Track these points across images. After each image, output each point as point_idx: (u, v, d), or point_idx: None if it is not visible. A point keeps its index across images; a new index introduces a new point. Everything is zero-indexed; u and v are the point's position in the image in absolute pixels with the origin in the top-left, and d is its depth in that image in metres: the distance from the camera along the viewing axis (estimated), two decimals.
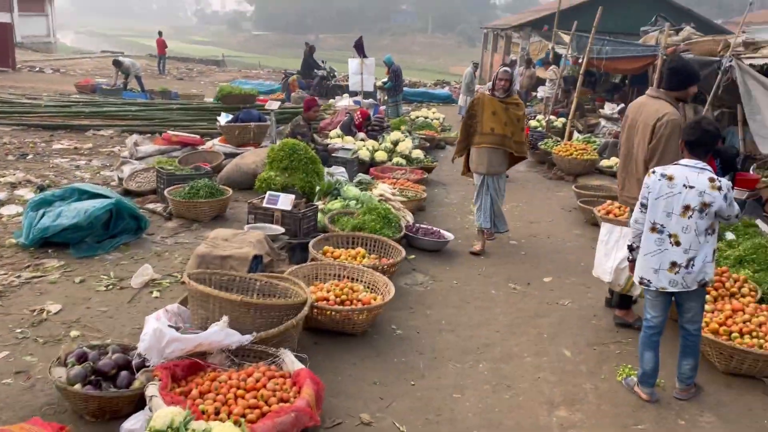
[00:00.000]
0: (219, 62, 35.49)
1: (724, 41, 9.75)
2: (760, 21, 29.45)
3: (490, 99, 6.29)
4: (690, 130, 3.79)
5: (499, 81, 6.29)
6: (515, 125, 6.35)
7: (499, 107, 6.24)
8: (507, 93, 6.30)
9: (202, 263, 4.89)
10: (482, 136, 6.31)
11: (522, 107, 6.45)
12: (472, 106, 6.45)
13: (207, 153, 9.10)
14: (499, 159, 6.43)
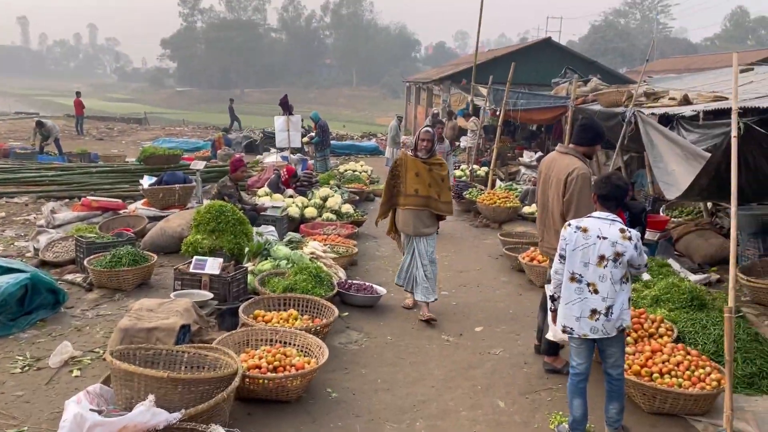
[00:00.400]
0: (141, 120, 34.84)
1: (627, 92, 10.49)
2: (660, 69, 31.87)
3: (412, 160, 6.15)
4: (601, 185, 4.04)
5: (421, 141, 6.14)
6: (440, 185, 6.20)
7: (422, 168, 6.11)
8: (429, 153, 6.17)
9: (126, 337, 4.70)
10: (406, 197, 6.16)
11: (446, 167, 6.34)
12: (395, 166, 6.30)
13: (129, 217, 8.86)
14: (425, 220, 6.24)
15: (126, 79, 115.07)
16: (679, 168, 6.25)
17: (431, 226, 6.28)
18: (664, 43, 69.87)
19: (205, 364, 4.24)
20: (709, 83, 12.42)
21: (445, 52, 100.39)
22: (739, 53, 26.80)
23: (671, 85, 13.46)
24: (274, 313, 5.51)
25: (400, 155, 6.35)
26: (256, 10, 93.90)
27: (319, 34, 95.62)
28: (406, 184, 6.13)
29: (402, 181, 6.16)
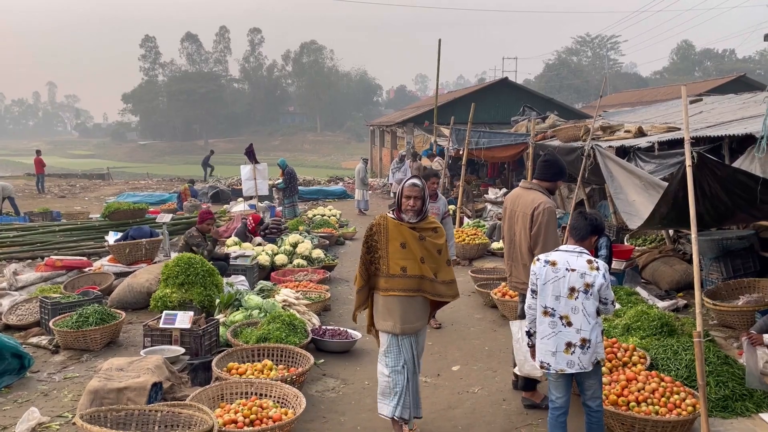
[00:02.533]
0: (104, 175, 34.41)
1: (584, 126, 10.84)
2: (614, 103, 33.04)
3: (395, 225, 4.41)
4: (573, 219, 4.15)
5: (407, 200, 4.39)
6: (436, 259, 4.46)
7: (410, 237, 4.38)
8: (420, 216, 4.44)
9: (96, 399, 4.55)
10: (390, 279, 4.37)
11: (442, 232, 4.57)
12: (370, 235, 4.47)
13: (95, 275, 8.66)
14: (418, 310, 4.46)
15: (87, 135, 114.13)
16: (639, 198, 6.44)
17: (423, 318, 4.56)
18: (615, 78, 72.60)
19: (179, 423, 4.13)
20: (662, 114, 12.92)
21: (406, 95, 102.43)
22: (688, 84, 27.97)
23: (626, 118, 13.96)
24: (248, 364, 5.41)
25: (378, 219, 4.51)
26: (218, 62, 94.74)
27: (281, 82, 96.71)
28: (388, 260, 4.39)
29: (382, 257, 4.41)
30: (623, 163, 7.28)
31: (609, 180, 7.17)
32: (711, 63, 76.91)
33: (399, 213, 4.47)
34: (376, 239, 4.44)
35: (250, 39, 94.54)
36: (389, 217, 4.49)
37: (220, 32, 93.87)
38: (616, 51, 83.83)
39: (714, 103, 12.39)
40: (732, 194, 5.08)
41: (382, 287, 4.44)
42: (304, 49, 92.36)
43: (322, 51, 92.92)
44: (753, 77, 35.80)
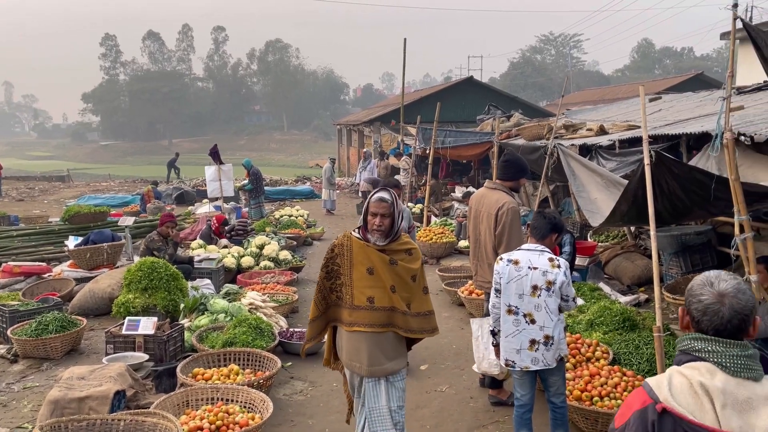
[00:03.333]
0: (64, 177, 33.54)
1: (547, 125, 11.00)
2: (577, 101, 33.57)
3: (361, 247, 3.68)
4: (534, 219, 4.21)
5: (373, 218, 3.64)
6: (410, 288, 3.72)
7: (378, 261, 3.65)
8: (390, 237, 3.68)
9: (56, 410, 4.44)
10: (355, 311, 3.66)
11: (417, 254, 3.81)
12: (331, 257, 3.74)
13: (55, 281, 8.45)
14: (388, 348, 3.71)
15: (46, 136, 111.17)
16: (601, 195, 6.57)
17: (398, 358, 3.77)
18: (578, 76, 73.80)
19: (143, 431, 4.06)
20: (623, 113, 13.19)
21: (372, 94, 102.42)
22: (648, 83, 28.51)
23: (588, 116, 14.21)
24: (214, 369, 5.35)
25: (340, 239, 3.79)
26: (181, 61, 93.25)
27: (246, 81, 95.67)
28: (352, 288, 3.68)
29: (345, 284, 3.70)
30: (585, 161, 7.41)
31: (571, 178, 7.30)
32: (670, 61, 78.75)
33: (364, 232, 3.71)
34: (338, 263, 3.71)
35: (214, 37, 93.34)
36: (353, 236, 3.72)
37: (183, 30, 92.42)
38: (579, 49, 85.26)
39: (672, 101, 12.70)
40: (689, 192, 5.21)
41: (345, 320, 3.69)
42: (269, 48, 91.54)
43: (287, 49, 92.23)
44: (710, 75, 36.78)
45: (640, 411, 1.71)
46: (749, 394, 1.66)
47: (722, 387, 1.66)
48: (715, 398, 1.65)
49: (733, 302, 1.73)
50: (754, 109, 7.81)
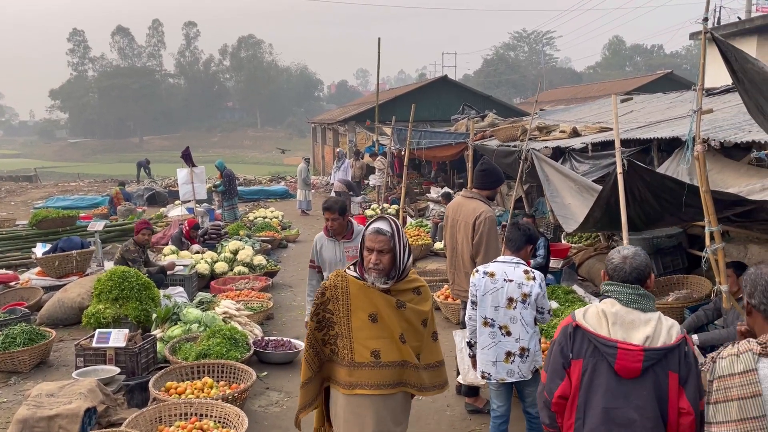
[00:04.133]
0: (31, 177, 32.79)
1: (521, 127, 11.04)
2: (551, 100, 33.92)
3: (360, 288, 3.06)
4: (508, 231, 4.22)
5: (369, 254, 3.03)
6: (420, 334, 3.17)
7: (384, 305, 3.04)
8: (393, 276, 3.06)
9: (25, 429, 4.32)
10: (356, 370, 3.05)
11: (427, 292, 3.25)
12: (321, 303, 3.12)
13: (23, 290, 8.24)
14: (398, 411, 3.17)
15: (12, 133, 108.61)
16: (574, 201, 6.62)
17: (404, 422, 3.24)
18: (551, 73, 74.58)
19: None
20: (595, 113, 13.33)
21: (347, 90, 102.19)
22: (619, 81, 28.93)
23: (561, 117, 14.34)
24: (187, 383, 5.27)
25: (332, 279, 3.14)
26: (151, 56, 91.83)
27: (218, 77, 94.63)
28: (351, 341, 3.06)
29: (342, 335, 3.08)
30: (558, 166, 7.46)
31: (545, 183, 7.34)
32: (641, 58, 79.98)
33: (361, 270, 3.06)
34: (330, 309, 3.04)
35: (185, 33, 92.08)
36: (350, 275, 3.05)
37: (153, 26, 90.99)
38: (552, 46, 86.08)
39: (644, 102, 12.86)
40: (660, 199, 5.28)
41: (343, 381, 3.02)
42: (241, 44, 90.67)
43: (260, 45, 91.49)
44: (680, 72, 37.47)
45: (564, 327, 2.65)
46: (634, 318, 2.52)
47: (615, 312, 2.54)
48: (609, 319, 2.53)
49: (632, 262, 2.61)
50: (723, 113, 7.94)
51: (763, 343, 2.26)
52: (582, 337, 2.55)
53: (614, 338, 2.47)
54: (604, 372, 2.49)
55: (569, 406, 2.57)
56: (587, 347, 2.53)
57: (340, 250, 4.92)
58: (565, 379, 2.57)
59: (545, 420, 2.70)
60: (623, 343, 2.44)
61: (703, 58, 3.93)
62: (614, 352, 2.45)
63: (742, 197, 4.65)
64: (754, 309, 2.35)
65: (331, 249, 4.95)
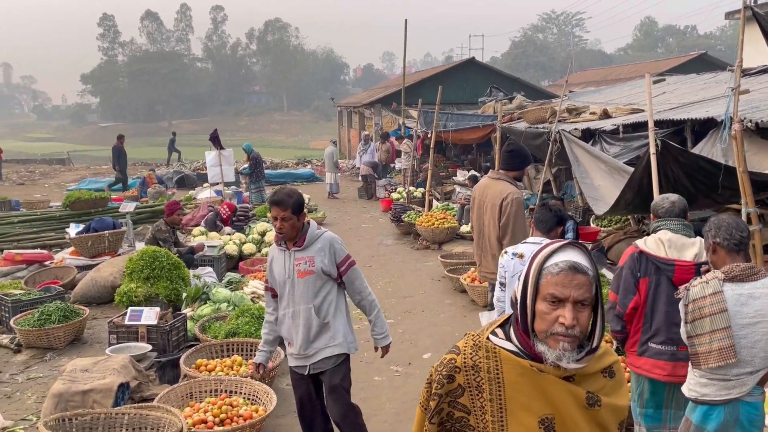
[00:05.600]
0: (64, 160, 33.44)
1: (550, 108, 10.89)
2: (580, 82, 33.29)
3: (524, 373, 1.72)
4: (538, 212, 4.17)
5: (556, 307, 1.67)
6: None
7: (566, 402, 1.72)
8: (588, 348, 1.73)
9: (60, 403, 4.45)
10: None
11: (622, 376, 1.86)
12: (449, 392, 1.77)
13: (57, 269, 8.44)
14: None
15: (46, 117, 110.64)
16: (605, 183, 6.52)
17: None
18: (581, 55, 73.17)
19: (147, 425, 4.06)
20: (626, 95, 13.06)
21: (373, 74, 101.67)
22: (651, 62, 28.24)
23: (591, 98, 14.08)
24: (217, 360, 5.35)
25: (468, 353, 1.77)
26: (179, 41, 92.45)
27: (245, 61, 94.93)
28: None
29: None
30: (588, 147, 7.34)
31: (575, 165, 7.23)
32: (673, 39, 78.01)
33: (527, 338, 1.74)
34: (465, 406, 1.79)
35: (213, 17, 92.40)
36: (503, 350, 1.77)
37: (181, 10, 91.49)
38: (581, 28, 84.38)
39: (676, 83, 12.56)
40: (695, 180, 5.17)
41: None
42: (268, 27, 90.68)
43: (286, 29, 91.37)
44: (714, 54, 36.45)
45: (631, 254, 3.44)
46: (684, 242, 3.33)
47: (669, 239, 3.34)
48: (665, 244, 3.32)
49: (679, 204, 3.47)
50: (760, 93, 7.71)
51: (726, 271, 2.94)
52: (646, 260, 3.32)
53: (671, 257, 3.25)
54: (665, 285, 3.28)
55: (638, 314, 3.36)
56: (651, 267, 3.31)
57: (290, 262, 3.67)
58: (636, 293, 3.33)
59: (616, 328, 3.47)
60: (679, 261, 3.23)
61: (742, 34, 3.81)
62: (672, 268, 3.24)
63: None
64: (719, 246, 3.04)
65: (280, 262, 3.72)
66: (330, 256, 3.70)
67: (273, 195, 3.66)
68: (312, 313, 3.68)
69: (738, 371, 2.89)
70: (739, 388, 2.91)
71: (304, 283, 3.66)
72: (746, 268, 2.94)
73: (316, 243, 3.69)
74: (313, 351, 3.73)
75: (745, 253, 3.05)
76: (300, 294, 3.68)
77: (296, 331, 3.73)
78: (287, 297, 3.72)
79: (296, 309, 3.71)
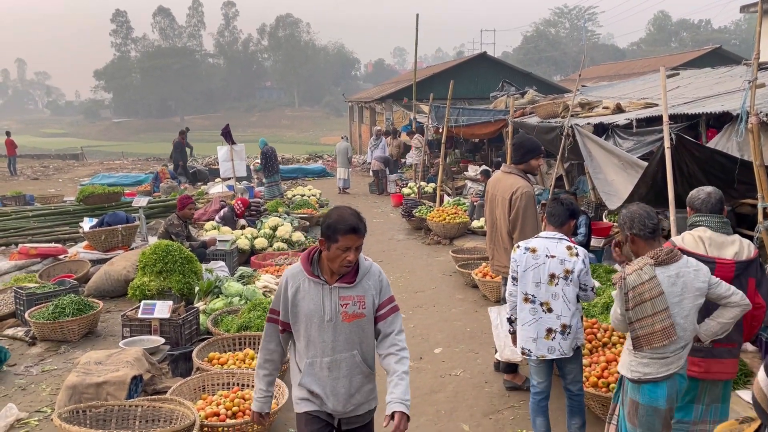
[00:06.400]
0: (78, 155, 33.71)
1: (563, 103, 10.80)
2: (593, 76, 33.02)
3: None
4: (550, 206, 4.14)
5: None
6: None
7: None
8: None
9: (74, 395, 4.49)
10: None
11: None
12: None
13: (71, 263, 8.51)
14: None
15: (59, 113, 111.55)
16: (618, 177, 6.46)
17: None
18: (593, 49, 72.61)
19: (160, 417, 4.10)
20: (639, 89, 12.94)
21: (384, 69, 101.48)
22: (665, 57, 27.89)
23: (604, 93, 13.96)
24: (229, 354, 5.37)
25: None
26: (191, 37, 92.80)
27: (257, 57, 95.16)
28: None
29: None
30: (601, 142, 7.28)
31: (588, 159, 7.17)
32: (687, 34, 77.17)
33: None
34: None
35: (224, 13, 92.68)
36: None
37: (194, 6, 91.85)
38: (594, 22, 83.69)
39: (691, 78, 12.42)
40: (710, 175, 5.11)
41: None
42: (279, 23, 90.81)
43: (298, 24, 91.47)
44: (728, 48, 36.02)
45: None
46: (723, 240, 3.30)
47: (709, 236, 3.30)
48: (705, 242, 3.29)
49: (716, 195, 3.43)
50: None
51: (653, 256, 3.14)
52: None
53: (712, 255, 3.22)
54: None
55: None
56: None
57: (332, 301, 2.90)
58: None
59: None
60: (720, 259, 3.21)
61: (759, 26, 3.75)
62: (713, 266, 3.18)
63: None
64: (636, 236, 3.26)
65: (314, 298, 2.91)
66: (377, 295, 2.97)
67: (342, 220, 2.80)
68: (357, 360, 2.94)
69: (674, 347, 3.14)
70: (677, 362, 3.18)
71: (350, 328, 2.90)
72: (669, 251, 3.18)
73: (367, 279, 2.94)
74: (352, 406, 2.99)
75: (659, 238, 3.27)
76: (344, 341, 2.90)
77: (334, 385, 2.93)
78: (322, 343, 2.90)
79: (336, 358, 2.91)
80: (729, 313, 3.19)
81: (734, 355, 3.41)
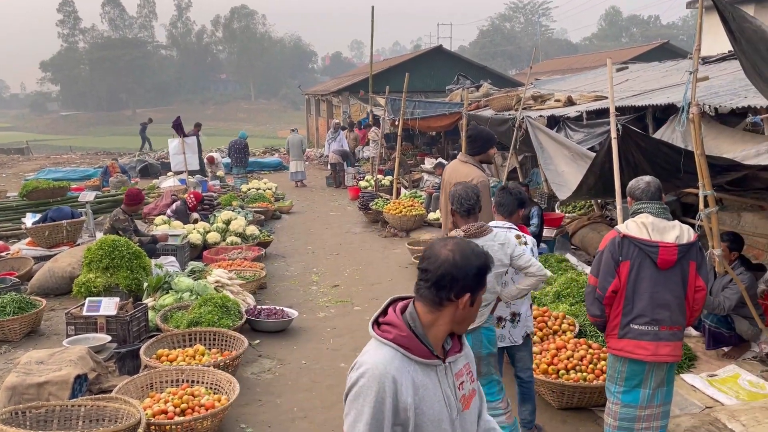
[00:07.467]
0: (23, 150, 32.46)
1: (516, 96, 10.93)
2: (546, 70, 33.56)
3: None
4: (499, 196, 4.16)
5: None
6: None
7: None
8: None
9: (14, 396, 4.31)
10: None
11: None
12: None
13: (13, 260, 8.18)
14: None
15: (4, 106, 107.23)
16: (568, 168, 6.56)
17: None
18: (547, 44, 73.77)
19: (104, 417, 3.97)
20: (590, 83, 13.20)
21: (341, 62, 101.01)
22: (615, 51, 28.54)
23: (557, 86, 14.20)
24: (179, 350, 5.25)
25: None
26: (143, 28, 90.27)
27: (211, 49, 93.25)
28: None
29: None
30: (552, 134, 7.39)
31: (539, 151, 7.27)
32: (637, 29, 79.12)
33: None
34: None
35: (177, 3, 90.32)
36: None
37: None
38: (548, 17, 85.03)
39: (639, 71, 12.73)
40: (655, 165, 5.23)
41: None
42: (234, 14, 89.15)
43: (253, 16, 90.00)
44: (676, 43, 37.08)
45: (612, 238, 3.47)
46: (665, 225, 3.40)
47: (651, 222, 3.39)
48: (648, 228, 3.38)
49: (655, 183, 3.52)
50: (719, 80, 7.84)
51: (465, 230, 3.65)
52: (628, 244, 3.38)
53: (655, 240, 3.32)
54: (648, 267, 3.35)
55: (618, 298, 3.41)
56: (633, 250, 3.36)
57: (448, 385, 1.98)
58: (615, 277, 3.38)
59: (596, 312, 3.50)
60: (663, 243, 3.31)
61: (700, 18, 3.84)
62: (656, 250, 3.31)
63: (737, 162, 4.60)
64: (455, 212, 3.76)
65: (433, 391, 1.93)
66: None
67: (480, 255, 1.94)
68: None
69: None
70: (479, 319, 3.65)
71: (470, 415, 2.06)
72: (479, 226, 3.68)
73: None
74: None
75: (475, 216, 3.73)
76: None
77: None
78: None
79: None
80: (527, 281, 3.78)
81: (679, 338, 3.49)
